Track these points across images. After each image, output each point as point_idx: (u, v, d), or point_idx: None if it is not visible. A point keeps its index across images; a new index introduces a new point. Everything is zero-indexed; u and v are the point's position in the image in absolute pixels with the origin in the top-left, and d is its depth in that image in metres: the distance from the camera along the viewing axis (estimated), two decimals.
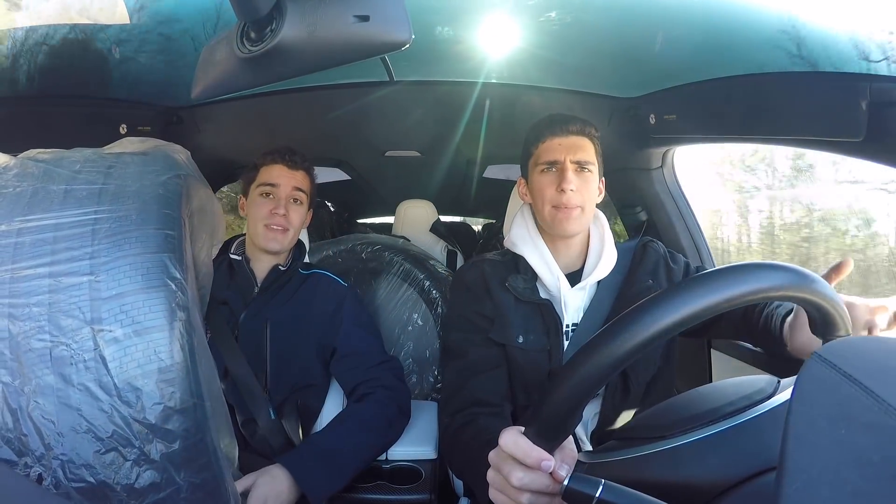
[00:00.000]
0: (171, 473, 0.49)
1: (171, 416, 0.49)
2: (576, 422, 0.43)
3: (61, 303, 0.49)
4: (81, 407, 0.47)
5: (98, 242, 0.52)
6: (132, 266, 0.51)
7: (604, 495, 0.38)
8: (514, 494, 0.45)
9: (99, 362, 0.48)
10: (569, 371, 0.40)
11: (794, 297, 0.42)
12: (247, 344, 1.03)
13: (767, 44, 0.85)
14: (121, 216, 0.54)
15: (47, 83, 1.08)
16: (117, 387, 0.48)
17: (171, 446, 0.49)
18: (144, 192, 0.57)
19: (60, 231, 0.52)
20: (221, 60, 0.45)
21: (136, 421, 0.48)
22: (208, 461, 0.51)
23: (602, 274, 0.90)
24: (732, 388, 0.46)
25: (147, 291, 0.50)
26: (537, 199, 0.91)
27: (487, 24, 0.97)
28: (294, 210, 1.08)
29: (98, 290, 0.50)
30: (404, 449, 1.08)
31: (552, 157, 0.89)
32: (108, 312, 0.49)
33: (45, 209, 0.53)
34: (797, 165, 1.56)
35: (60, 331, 0.48)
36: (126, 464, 0.48)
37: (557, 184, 0.87)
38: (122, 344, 0.49)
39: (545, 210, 0.89)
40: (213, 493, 0.51)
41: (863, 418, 0.27)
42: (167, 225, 0.55)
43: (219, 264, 1.13)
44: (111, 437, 0.47)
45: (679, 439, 0.42)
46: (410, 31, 0.39)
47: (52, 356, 0.48)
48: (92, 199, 0.55)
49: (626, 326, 0.38)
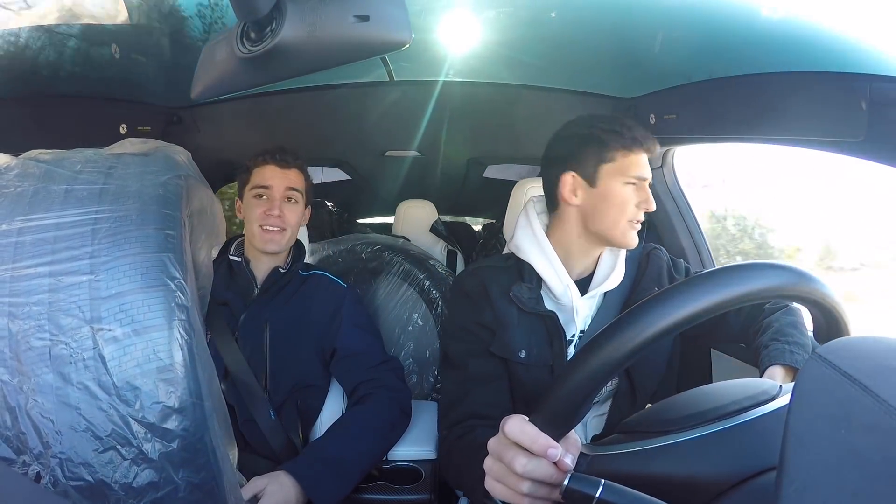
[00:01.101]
0: (169, 472, 0.48)
1: (169, 416, 0.49)
2: (584, 412, 0.43)
3: (61, 302, 0.49)
4: (80, 405, 0.47)
5: (98, 242, 0.52)
6: (132, 266, 0.51)
7: (604, 495, 0.38)
8: (514, 482, 0.43)
9: (98, 361, 0.48)
10: (581, 359, 0.40)
11: (801, 297, 0.42)
12: (247, 345, 1.03)
13: (767, 44, 0.85)
14: (121, 216, 0.54)
15: (47, 83, 1.08)
16: (116, 386, 0.48)
17: (169, 445, 0.48)
18: (145, 192, 0.57)
19: (61, 231, 0.52)
20: (221, 60, 0.45)
21: (135, 420, 0.48)
22: (207, 461, 0.51)
23: (613, 284, 0.88)
24: (736, 388, 0.46)
25: (146, 291, 0.50)
26: (612, 209, 0.84)
27: (487, 24, 0.97)
28: (289, 209, 1.08)
29: (98, 289, 0.50)
30: (404, 449, 1.08)
31: (642, 174, 0.84)
32: (108, 311, 0.49)
33: (46, 209, 0.53)
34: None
35: (60, 329, 0.48)
36: (124, 462, 0.48)
37: (641, 200, 0.84)
38: (122, 343, 0.49)
39: (621, 223, 0.84)
40: (211, 493, 0.51)
41: (863, 418, 0.27)
42: (167, 225, 0.55)
43: (218, 265, 1.13)
44: (110, 436, 0.47)
45: (684, 435, 0.42)
46: (410, 31, 0.40)
47: (52, 355, 0.48)
48: (92, 199, 0.55)
49: (640, 317, 0.39)
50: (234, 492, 0.59)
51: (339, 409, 1.11)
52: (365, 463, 0.97)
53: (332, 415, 1.09)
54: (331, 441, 0.96)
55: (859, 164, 0.78)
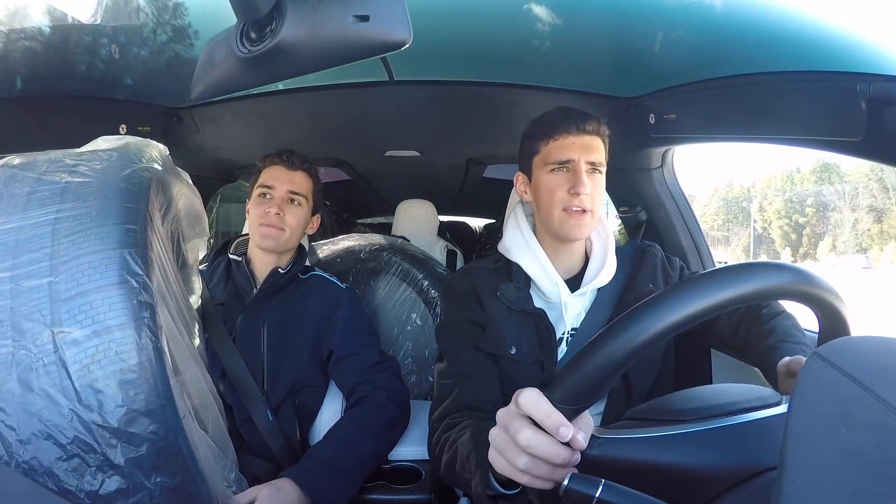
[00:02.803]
0: (139, 478, 0.47)
1: (135, 419, 0.47)
2: (604, 392, 0.43)
3: (22, 307, 0.47)
4: (42, 412, 0.45)
5: (57, 242, 0.50)
6: (90, 264, 0.49)
7: (604, 495, 0.38)
8: (513, 454, 0.42)
9: (59, 366, 0.46)
10: (607, 336, 0.40)
11: (807, 297, 0.43)
12: (244, 345, 1.03)
13: (767, 44, 0.85)
14: (81, 213, 0.52)
15: (47, 83, 1.08)
16: (77, 391, 0.46)
17: (137, 450, 0.47)
18: (106, 187, 0.55)
19: (22, 233, 0.50)
20: (221, 60, 0.45)
21: (98, 425, 0.46)
22: (182, 464, 0.49)
23: (604, 280, 0.88)
24: (749, 390, 0.46)
25: (106, 290, 0.48)
26: (544, 199, 0.86)
27: (487, 23, 0.97)
28: (290, 211, 1.08)
29: (58, 291, 0.48)
30: (404, 449, 1.08)
31: (565, 156, 0.83)
32: (68, 313, 0.47)
33: (9, 213, 0.51)
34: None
35: (22, 335, 0.47)
36: (90, 470, 0.46)
37: (571, 185, 0.82)
38: (83, 345, 0.47)
39: (554, 213, 0.84)
40: (191, 497, 0.49)
41: (863, 418, 0.27)
42: (128, 219, 0.53)
43: (218, 264, 1.13)
44: (72, 443, 0.46)
45: (696, 426, 0.42)
46: (410, 31, 0.39)
47: (15, 361, 0.46)
48: (54, 199, 0.53)
49: (669, 301, 0.39)
50: (222, 494, 0.57)
51: (337, 409, 1.11)
52: (366, 464, 0.97)
53: (331, 416, 1.09)
54: (330, 445, 0.95)
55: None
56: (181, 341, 0.64)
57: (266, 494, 0.81)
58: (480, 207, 3.10)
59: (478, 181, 2.19)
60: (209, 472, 0.54)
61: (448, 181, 2.22)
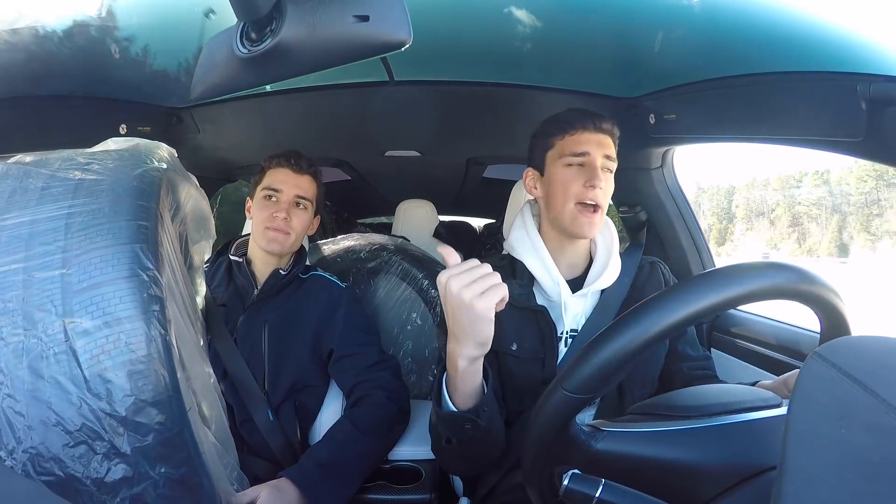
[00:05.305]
0: (144, 468, 0.48)
1: (142, 409, 0.48)
2: (614, 383, 0.44)
3: (34, 297, 0.49)
4: (51, 400, 0.47)
5: (71, 236, 0.51)
6: (102, 258, 0.50)
7: (604, 495, 0.38)
8: (458, 285, 0.58)
9: (69, 355, 0.47)
10: (622, 324, 0.40)
11: (811, 296, 0.43)
12: (245, 345, 1.03)
13: (767, 44, 0.85)
14: (94, 209, 0.53)
15: (47, 83, 1.08)
16: (87, 379, 0.47)
17: (143, 440, 0.47)
18: (119, 184, 0.56)
19: (36, 227, 0.52)
20: (221, 60, 0.45)
21: (106, 414, 0.47)
22: (187, 456, 0.49)
23: (606, 283, 0.87)
24: (749, 391, 0.47)
25: (117, 282, 0.49)
26: (558, 193, 0.84)
27: (487, 24, 0.97)
28: (296, 215, 1.08)
29: (70, 283, 0.49)
30: (404, 449, 1.08)
31: (582, 149, 0.83)
32: (80, 305, 0.48)
33: (23, 207, 0.53)
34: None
35: (33, 324, 0.48)
36: (96, 457, 0.47)
37: (586, 179, 0.82)
38: (93, 336, 0.48)
39: (567, 207, 0.83)
40: (194, 489, 0.50)
41: (863, 417, 0.27)
42: (140, 216, 0.54)
43: (219, 265, 1.13)
44: (80, 430, 0.47)
45: (699, 422, 0.42)
46: (410, 31, 0.39)
47: (25, 350, 0.47)
48: (67, 195, 0.54)
49: (681, 295, 0.39)
50: (224, 490, 0.58)
51: (337, 409, 1.11)
52: (366, 465, 0.96)
53: (331, 416, 1.09)
54: (330, 446, 0.95)
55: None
56: (188, 338, 0.65)
57: (266, 495, 0.81)
58: (480, 207, 3.10)
59: (478, 181, 2.18)
60: (213, 468, 0.54)
61: (448, 181, 2.22)
